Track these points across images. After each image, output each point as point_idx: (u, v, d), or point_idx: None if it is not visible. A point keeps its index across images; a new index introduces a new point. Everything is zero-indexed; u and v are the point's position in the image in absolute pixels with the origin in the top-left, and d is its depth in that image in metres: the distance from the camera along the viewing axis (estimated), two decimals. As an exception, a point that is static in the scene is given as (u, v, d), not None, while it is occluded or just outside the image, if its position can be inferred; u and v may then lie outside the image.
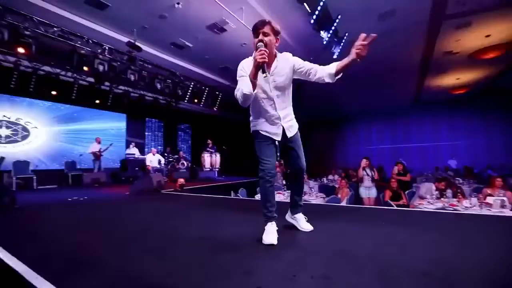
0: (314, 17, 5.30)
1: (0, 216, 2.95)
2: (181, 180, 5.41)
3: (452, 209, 3.32)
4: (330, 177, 9.17)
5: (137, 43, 7.07)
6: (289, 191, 5.49)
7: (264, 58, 1.55)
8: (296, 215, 2.03)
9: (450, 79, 11.04)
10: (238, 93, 1.66)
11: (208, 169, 9.19)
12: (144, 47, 7.47)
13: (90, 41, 6.29)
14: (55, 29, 5.65)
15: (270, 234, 1.72)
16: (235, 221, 2.52)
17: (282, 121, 1.86)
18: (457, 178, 7.25)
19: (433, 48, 8.42)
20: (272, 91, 1.79)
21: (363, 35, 1.64)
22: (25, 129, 7.31)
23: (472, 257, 1.38)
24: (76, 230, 2.40)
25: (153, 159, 8.31)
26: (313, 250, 1.58)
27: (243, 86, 1.62)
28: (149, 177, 4.91)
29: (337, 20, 6.10)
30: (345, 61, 1.73)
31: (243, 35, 7.39)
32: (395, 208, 3.07)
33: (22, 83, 6.47)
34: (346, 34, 6.90)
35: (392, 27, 7.12)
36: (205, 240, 1.88)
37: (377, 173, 5.90)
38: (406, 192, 5.19)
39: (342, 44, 6.89)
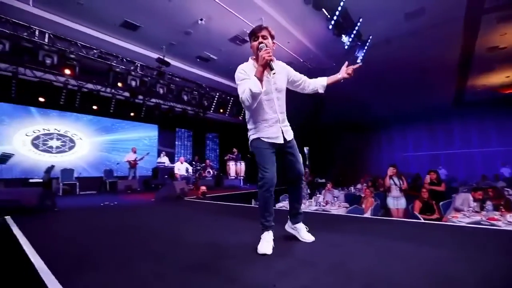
0: (333, 22, 5.21)
1: (41, 217, 3.34)
2: (203, 188, 5.59)
3: (489, 223, 2.94)
4: (359, 186, 8.72)
5: (165, 59, 7.60)
6: (310, 200, 5.37)
7: (271, 55, 1.65)
8: (296, 225, 1.96)
9: (498, 77, 9.94)
10: (244, 94, 1.68)
11: (233, 177, 9.34)
12: (172, 62, 7.98)
13: (124, 60, 6.93)
14: (94, 51, 6.35)
15: (266, 244, 1.70)
16: (241, 229, 2.54)
17: (281, 124, 1.88)
18: (506, 189, 6.40)
19: (474, 44, 7.70)
20: (274, 92, 1.84)
21: (346, 63, 2.09)
22: (72, 140, 8.21)
23: (484, 278, 1.22)
24: (92, 231, 2.64)
25: (181, 167, 8.71)
26: (308, 261, 1.53)
27: (251, 85, 1.64)
28: (172, 185, 5.16)
29: (358, 24, 5.91)
30: (334, 78, 2.07)
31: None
32: (418, 221, 2.81)
33: (69, 100, 7.33)
34: (370, 37, 6.64)
35: (421, 26, 6.71)
36: (203, 245, 1.93)
37: (405, 182, 5.40)
38: (441, 204, 4.73)
39: (366, 47, 6.63)
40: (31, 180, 6.59)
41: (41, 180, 6.49)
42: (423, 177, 11.68)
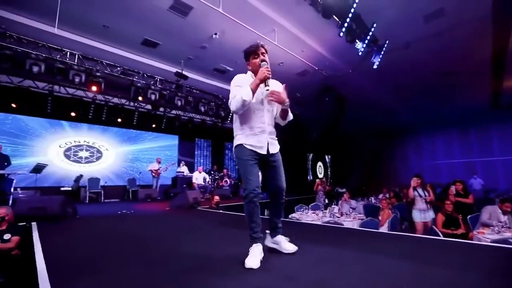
0: (343, 29, 5.12)
1: (61, 223, 3.60)
2: (217, 198, 5.66)
3: (517, 241, 2.62)
4: (381, 196, 8.25)
5: (184, 72, 7.96)
6: (325, 211, 5.19)
7: (270, 73, 1.79)
8: (276, 238, 1.95)
9: (538, 77, 9.03)
10: (235, 99, 1.78)
11: (250, 186, 9.34)
12: (190, 75, 8.33)
13: (145, 75, 7.37)
14: (118, 68, 6.84)
15: (253, 258, 1.67)
16: (238, 240, 2.51)
17: (268, 135, 1.91)
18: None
19: (507, 42, 7.11)
20: (265, 104, 1.92)
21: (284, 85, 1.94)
22: (99, 151, 8.81)
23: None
24: (99, 238, 2.81)
25: (198, 177, 8.92)
26: (290, 276, 1.49)
27: (244, 94, 1.73)
28: (186, 194, 5.29)
29: (372, 29, 5.76)
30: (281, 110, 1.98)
31: (279, 55, 7.60)
32: (429, 237, 2.58)
33: (97, 113, 7.91)
34: (387, 42, 6.42)
35: (443, 27, 6.38)
36: (192, 256, 1.96)
37: (432, 193, 4.99)
38: (469, 218, 4.33)
39: (382, 52, 6.41)
40: (62, 189, 7.14)
41: (70, 189, 7.00)
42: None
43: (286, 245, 1.90)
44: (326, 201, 7.29)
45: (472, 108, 12.20)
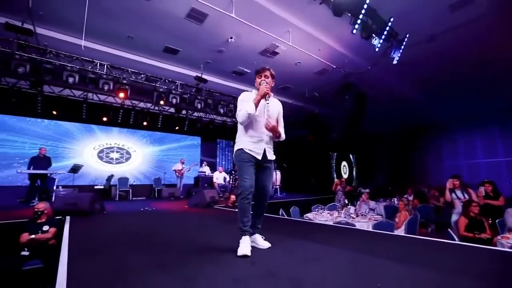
0: (356, 26, 5.00)
1: (90, 218, 4.01)
2: (233, 197, 5.84)
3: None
4: (407, 196, 7.84)
5: (203, 76, 8.30)
6: (341, 211, 5.12)
7: (269, 90, 2.13)
8: (253, 237, 2.12)
9: None
10: (241, 112, 2.10)
11: (269, 186, 9.44)
12: (209, 78, 8.64)
13: (166, 80, 7.81)
14: (142, 75, 7.34)
15: (244, 246, 1.89)
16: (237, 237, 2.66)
17: (266, 144, 2.14)
18: None
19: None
20: (265, 116, 2.16)
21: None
22: (128, 152, 9.50)
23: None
24: (117, 231, 3.13)
25: (219, 176, 9.22)
26: (269, 270, 1.58)
27: (248, 108, 2.06)
28: (203, 193, 5.54)
29: (389, 23, 5.54)
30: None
31: (295, 55, 7.62)
32: (434, 239, 2.47)
33: (125, 117, 8.55)
34: (407, 36, 6.11)
35: (473, 15, 5.91)
36: (189, 246, 2.19)
37: (473, 194, 4.62)
38: (498, 221, 4.01)
39: (402, 47, 6.12)
40: (95, 187, 7.84)
41: (103, 187, 7.66)
42: (498, 186, 9.98)
43: (261, 242, 2.13)
44: (346, 201, 7.11)
45: (512, 103, 11.07)
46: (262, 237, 2.17)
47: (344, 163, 17.15)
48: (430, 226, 6.21)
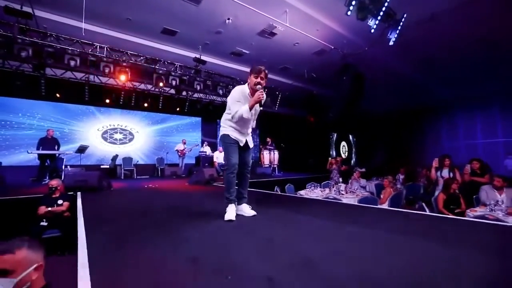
0: (351, 7, 5.01)
1: (98, 194, 4.41)
2: (231, 175, 6.18)
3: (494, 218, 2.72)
4: (398, 176, 8.17)
5: (202, 58, 8.36)
6: (334, 188, 5.43)
7: (263, 96, 2.31)
8: (240, 206, 2.47)
9: None
10: (237, 114, 2.36)
11: (267, 165, 9.80)
12: (208, 59, 8.71)
13: (165, 62, 7.91)
14: (141, 57, 7.44)
15: (230, 212, 2.28)
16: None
17: (247, 136, 2.57)
18: None
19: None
20: (253, 116, 2.48)
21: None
22: (131, 133, 9.82)
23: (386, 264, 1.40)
24: (123, 203, 3.53)
25: (219, 156, 9.54)
26: (250, 231, 1.92)
27: (244, 112, 2.33)
28: (202, 171, 5.90)
29: (386, 4, 5.51)
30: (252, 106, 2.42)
31: (293, 36, 7.62)
32: (401, 210, 2.80)
33: (127, 99, 8.75)
34: (405, 16, 6.08)
35: (471, -4, 5.84)
36: (187, 214, 2.53)
37: (458, 174, 4.83)
38: (475, 197, 4.32)
39: (399, 28, 6.11)
40: (102, 166, 8.25)
41: (108, 167, 8.06)
42: (492, 167, 10.22)
43: (247, 210, 2.46)
44: (340, 179, 7.44)
45: (516, 82, 10.99)
46: (249, 207, 2.49)
47: (343, 143, 17.42)
48: (417, 203, 6.57)
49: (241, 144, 2.48)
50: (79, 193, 4.19)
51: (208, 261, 1.34)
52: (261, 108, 2.40)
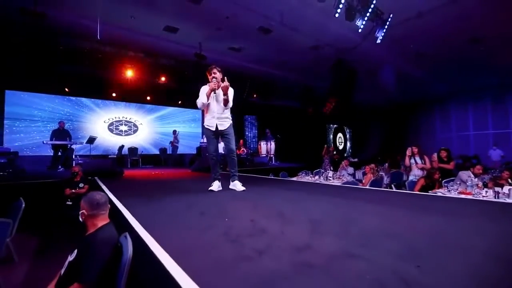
0: (339, 10, 5.45)
1: (114, 178, 5.01)
2: (230, 163, 6.76)
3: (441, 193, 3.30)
4: (385, 165, 8.74)
5: (202, 53, 8.81)
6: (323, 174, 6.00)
7: (216, 86, 2.97)
8: (233, 182, 3.13)
9: None
10: (199, 101, 3.03)
11: (264, 155, 10.38)
12: (208, 55, 9.15)
13: (167, 58, 8.38)
14: (145, 52, 7.91)
15: (213, 186, 3.00)
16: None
17: (217, 120, 3.08)
18: None
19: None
20: (214, 102, 3.07)
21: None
22: (135, 125, 10.37)
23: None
24: (137, 184, 4.17)
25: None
26: (239, 198, 2.50)
27: (203, 99, 3.01)
28: (204, 159, 6.47)
29: (372, 4, 5.94)
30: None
31: (289, 31, 8.03)
32: (376, 188, 3.38)
33: (131, 92, 9.24)
34: (391, 15, 6.50)
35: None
36: (188, 189, 3.10)
37: (427, 161, 5.51)
38: (444, 181, 4.88)
39: (386, 27, 6.54)
40: (109, 156, 8.83)
41: (115, 156, 8.64)
42: (482, 158, 10.80)
43: (239, 186, 3.10)
44: (331, 168, 8.01)
45: (508, 77, 11.43)
46: (241, 183, 3.13)
47: (339, 134, 17.98)
48: (401, 189, 7.18)
49: (212, 129, 3.04)
50: (96, 178, 4.78)
51: (211, 213, 1.93)
52: (225, 97, 2.96)
